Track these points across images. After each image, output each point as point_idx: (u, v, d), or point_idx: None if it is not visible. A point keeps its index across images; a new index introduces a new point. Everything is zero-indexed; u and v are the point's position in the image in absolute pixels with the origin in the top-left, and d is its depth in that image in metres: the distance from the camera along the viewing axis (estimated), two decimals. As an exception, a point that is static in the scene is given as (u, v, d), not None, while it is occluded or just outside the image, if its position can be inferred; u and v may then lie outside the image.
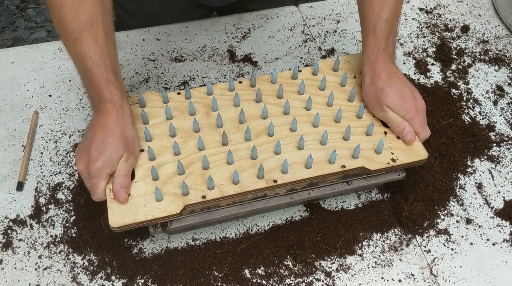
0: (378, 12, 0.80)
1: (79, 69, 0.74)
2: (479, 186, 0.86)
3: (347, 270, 0.76)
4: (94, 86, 0.72)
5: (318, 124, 0.78)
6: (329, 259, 0.76)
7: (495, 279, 0.75)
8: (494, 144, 0.91)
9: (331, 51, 1.05)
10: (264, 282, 0.74)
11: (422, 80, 1.00)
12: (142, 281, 0.73)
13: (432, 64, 1.04)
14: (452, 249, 0.78)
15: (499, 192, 0.85)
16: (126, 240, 0.77)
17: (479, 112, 0.96)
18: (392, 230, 0.80)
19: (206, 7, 1.15)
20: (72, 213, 0.80)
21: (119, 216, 0.68)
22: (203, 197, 0.70)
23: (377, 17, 0.80)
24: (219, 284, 0.73)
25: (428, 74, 1.02)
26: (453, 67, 1.03)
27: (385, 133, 0.78)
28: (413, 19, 1.13)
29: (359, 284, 0.74)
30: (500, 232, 0.80)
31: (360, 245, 0.78)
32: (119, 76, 0.75)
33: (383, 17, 0.80)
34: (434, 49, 1.06)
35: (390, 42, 0.82)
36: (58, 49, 1.03)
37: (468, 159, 0.89)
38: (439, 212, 0.82)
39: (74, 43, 0.71)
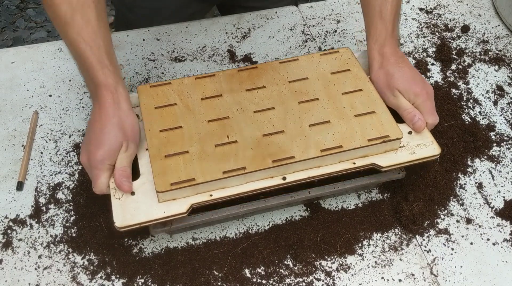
0: None
1: (73, 55, 0.71)
2: (479, 186, 0.86)
3: (347, 269, 0.75)
4: (88, 70, 0.69)
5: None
6: (329, 259, 0.76)
7: (495, 279, 0.75)
8: (494, 144, 0.91)
9: (331, 51, 1.05)
10: (264, 281, 0.74)
11: (422, 80, 1.00)
12: (142, 280, 0.73)
13: (432, 64, 1.04)
14: (452, 249, 0.78)
15: (499, 192, 0.85)
16: (126, 239, 0.77)
17: (479, 112, 0.96)
18: (392, 230, 0.80)
19: (204, 1, 1.14)
20: (72, 212, 0.80)
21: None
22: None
23: (382, 0, 0.79)
24: (219, 283, 0.73)
25: (428, 74, 1.02)
26: (453, 67, 1.03)
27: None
28: (413, 19, 1.13)
29: (359, 284, 0.74)
30: (500, 232, 0.80)
31: (360, 244, 0.78)
32: (114, 59, 0.72)
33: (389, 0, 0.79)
34: (434, 49, 1.06)
35: (395, 26, 0.81)
36: (58, 49, 1.03)
37: (468, 159, 0.89)
38: (439, 212, 0.82)
39: (66, 25, 0.68)
